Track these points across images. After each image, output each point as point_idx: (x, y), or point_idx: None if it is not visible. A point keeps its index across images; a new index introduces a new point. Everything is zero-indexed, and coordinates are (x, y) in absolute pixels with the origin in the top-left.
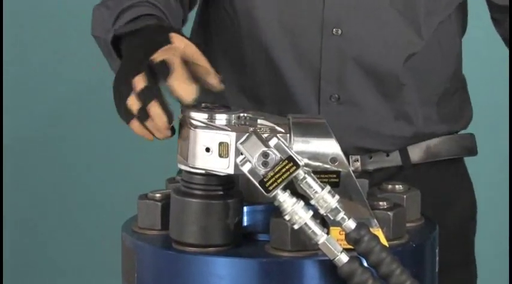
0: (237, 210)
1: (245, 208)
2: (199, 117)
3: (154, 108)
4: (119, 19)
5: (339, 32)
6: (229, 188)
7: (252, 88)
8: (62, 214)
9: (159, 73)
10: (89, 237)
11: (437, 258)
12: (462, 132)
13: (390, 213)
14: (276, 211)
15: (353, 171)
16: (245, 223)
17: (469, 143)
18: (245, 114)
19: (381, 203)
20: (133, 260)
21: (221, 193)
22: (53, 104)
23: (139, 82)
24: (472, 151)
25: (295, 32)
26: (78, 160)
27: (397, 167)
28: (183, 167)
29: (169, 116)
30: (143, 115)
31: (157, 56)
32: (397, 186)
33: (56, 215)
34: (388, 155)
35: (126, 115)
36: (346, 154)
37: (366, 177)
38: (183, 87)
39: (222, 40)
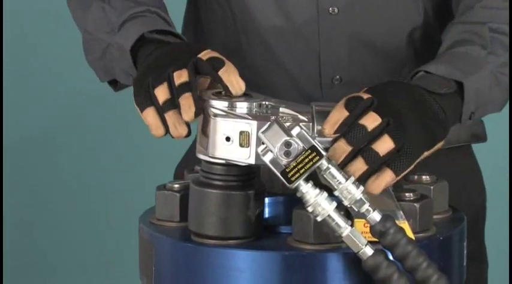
0: (258, 201)
1: (266, 200)
2: (219, 105)
3: (188, 100)
4: (126, 26)
5: (335, 10)
6: (250, 178)
7: (252, 79)
8: (62, 214)
9: (212, 65)
10: (90, 237)
11: (465, 251)
12: None
13: (417, 205)
14: (298, 202)
15: None
16: (266, 215)
17: (478, 129)
18: (266, 102)
19: (407, 194)
20: (151, 253)
21: (242, 183)
22: (52, 104)
23: (182, 76)
24: (481, 137)
25: (291, 15)
26: (78, 160)
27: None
28: (202, 157)
29: (198, 109)
30: (168, 106)
31: (206, 54)
32: (423, 177)
33: (56, 215)
34: None
35: (145, 101)
36: None
37: None
38: (234, 79)
39: (217, 35)
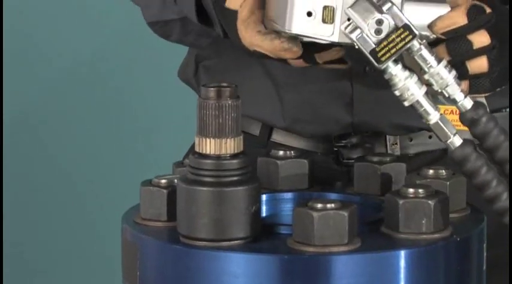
0: (254, 197)
1: (263, 197)
2: None
3: None
4: None
5: None
6: (244, 173)
7: (277, 74)
8: (62, 214)
9: None
10: (90, 237)
11: (484, 254)
12: None
13: (431, 202)
14: (299, 199)
15: (396, 156)
16: (264, 214)
17: None
18: None
19: (420, 190)
20: (135, 256)
21: (235, 179)
22: (52, 104)
23: None
24: None
25: None
26: (78, 160)
27: (442, 150)
28: (276, 28)
29: None
30: None
31: None
32: (439, 171)
33: (56, 215)
34: (430, 137)
35: None
36: (383, 135)
37: (404, 162)
38: None
39: None
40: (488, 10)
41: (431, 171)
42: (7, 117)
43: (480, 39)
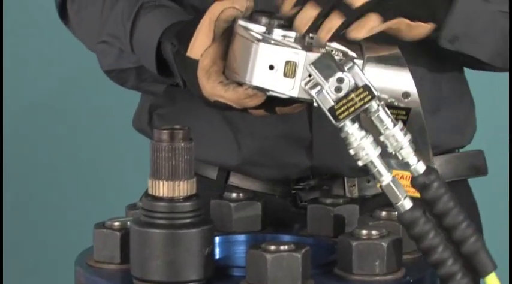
0: (207, 240)
1: (217, 239)
2: (257, 29)
3: None
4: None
5: None
6: (197, 215)
7: (235, 120)
8: (62, 214)
9: None
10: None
11: None
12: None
13: (384, 244)
14: (252, 241)
15: (349, 198)
16: (217, 256)
17: (477, 161)
18: (311, 34)
19: (373, 232)
20: None
21: (188, 221)
22: (53, 103)
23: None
24: (481, 170)
25: None
26: (78, 159)
27: None
28: (237, 79)
29: None
30: None
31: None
32: (392, 213)
33: (56, 215)
34: None
35: None
36: (341, 177)
37: (357, 204)
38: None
39: None
40: None
41: (384, 213)
42: (7, 118)
43: None
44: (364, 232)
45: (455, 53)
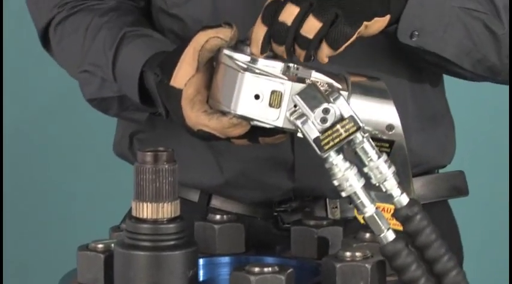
0: (191, 262)
1: (201, 261)
2: (242, 58)
3: None
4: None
5: None
6: (181, 237)
7: (217, 144)
8: (44, 236)
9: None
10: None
11: None
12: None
13: (368, 265)
14: (236, 263)
15: (333, 220)
16: (201, 278)
17: (458, 182)
18: (295, 65)
19: (357, 254)
20: None
21: (172, 243)
22: (52, 103)
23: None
24: (462, 191)
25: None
26: (78, 160)
27: None
28: (221, 108)
29: None
30: None
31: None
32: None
33: (38, 238)
34: None
35: None
36: (323, 199)
37: (341, 226)
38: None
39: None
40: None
41: (367, 235)
42: (7, 120)
43: (288, 13)
44: (348, 253)
45: (422, 51)
